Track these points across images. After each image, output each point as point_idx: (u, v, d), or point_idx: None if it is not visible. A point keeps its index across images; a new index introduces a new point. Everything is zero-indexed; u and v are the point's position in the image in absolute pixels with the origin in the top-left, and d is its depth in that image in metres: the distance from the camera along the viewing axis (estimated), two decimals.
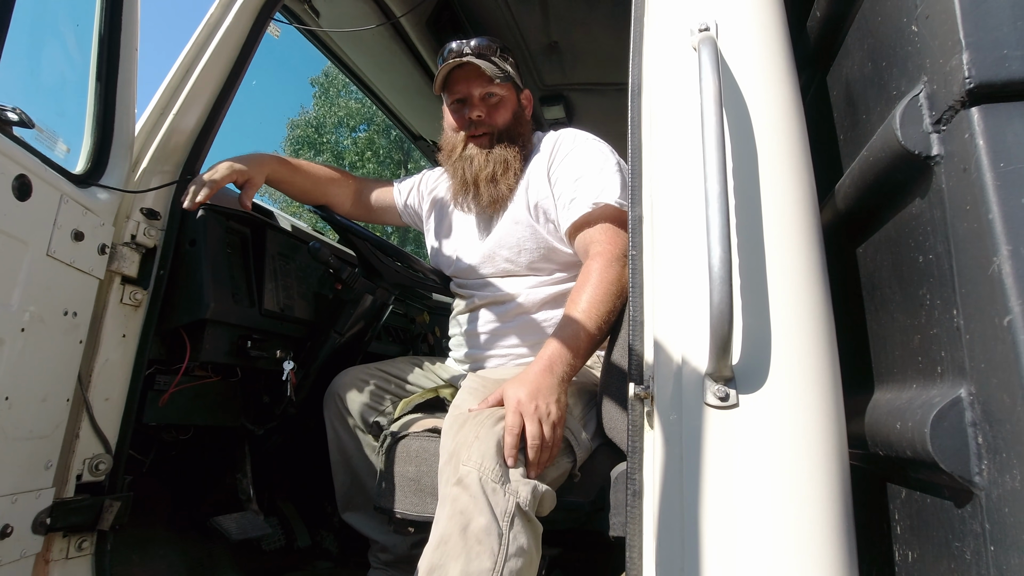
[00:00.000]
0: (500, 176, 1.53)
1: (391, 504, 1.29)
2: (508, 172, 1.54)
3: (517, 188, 1.57)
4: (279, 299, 1.74)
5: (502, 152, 1.55)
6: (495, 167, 1.53)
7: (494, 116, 1.57)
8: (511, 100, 1.60)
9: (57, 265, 1.22)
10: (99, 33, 1.40)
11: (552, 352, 1.22)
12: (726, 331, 0.71)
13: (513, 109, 1.59)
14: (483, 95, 1.57)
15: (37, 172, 1.15)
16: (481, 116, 1.57)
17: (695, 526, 0.72)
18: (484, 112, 1.57)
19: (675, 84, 0.93)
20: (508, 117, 1.58)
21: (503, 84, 1.57)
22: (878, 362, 0.86)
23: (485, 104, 1.57)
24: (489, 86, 1.55)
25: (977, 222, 0.59)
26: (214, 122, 1.57)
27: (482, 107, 1.57)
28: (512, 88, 1.61)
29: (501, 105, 1.58)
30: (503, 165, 1.54)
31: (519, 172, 1.55)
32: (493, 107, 1.58)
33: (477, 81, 1.54)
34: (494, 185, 1.54)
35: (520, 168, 1.56)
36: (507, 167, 1.54)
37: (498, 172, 1.53)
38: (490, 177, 1.54)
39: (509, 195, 1.55)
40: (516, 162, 1.55)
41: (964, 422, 0.60)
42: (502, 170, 1.53)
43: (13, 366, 1.14)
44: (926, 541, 0.70)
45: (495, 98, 1.57)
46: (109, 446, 1.39)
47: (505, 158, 1.54)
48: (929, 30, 0.68)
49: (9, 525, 1.16)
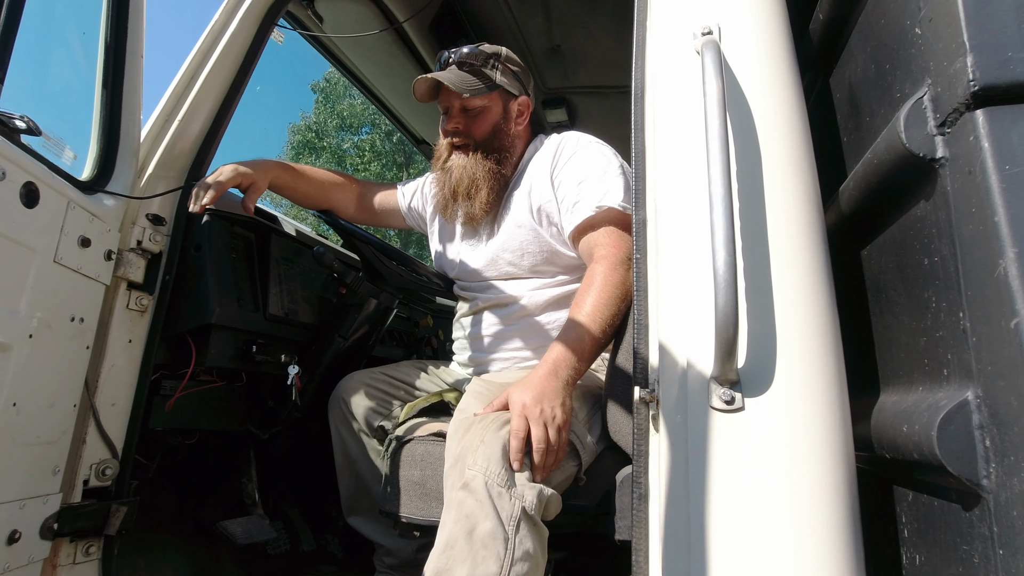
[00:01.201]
0: (474, 194, 1.55)
1: (396, 508, 1.29)
2: (479, 191, 1.55)
3: (505, 199, 1.59)
4: (283, 304, 1.74)
5: (474, 167, 1.56)
6: (469, 183, 1.55)
7: (471, 128, 1.59)
8: (493, 111, 1.60)
9: (64, 271, 1.23)
10: (105, 40, 1.41)
11: (557, 356, 1.22)
12: (731, 334, 0.71)
13: (494, 121, 1.59)
14: (461, 107, 1.59)
15: (44, 179, 1.16)
16: (459, 127, 1.59)
17: (701, 530, 0.72)
18: (462, 123, 1.59)
19: (678, 87, 0.93)
20: (486, 129, 1.59)
21: (484, 95, 1.57)
22: (883, 364, 0.86)
23: (464, 116, 1.59)
24: (465, 99, 1.56)
25: (983, 224, 0.59)
26: (219, 128, 1.58)
27: (460, 119, 1.59)
28: (499, 97, 1.61)
29: (480, 117, 1.59)
30: (473, 184, 1.55)
31: (493, 189, 1.56)
32: (472, 119, 1.59)
33: (455, 92, 1.55)
34: (469, 201, 1.56)
35: (494, 185, 1.56)
36: (477, 187, 1.55)
37: (472, 190, 1.55)
38: (465, 192, 1.56)
39: (483, 216, 1.57)
40: (488, 179, 1.55)
41: (971, 425, 0.59)
42: (474, 188, 1.55)
43: (21, 372, 1.14)
44: (933, 544, 0.69)
45: (474, 110, 1.59)
46: (116, 451, 1.39)
47: (475, 175, 1.55)
48: (933, 33, 0.68)
49: (17, 530, 1.16)
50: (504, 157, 1.60)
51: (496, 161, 1.58)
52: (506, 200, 1.60)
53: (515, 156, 1.63)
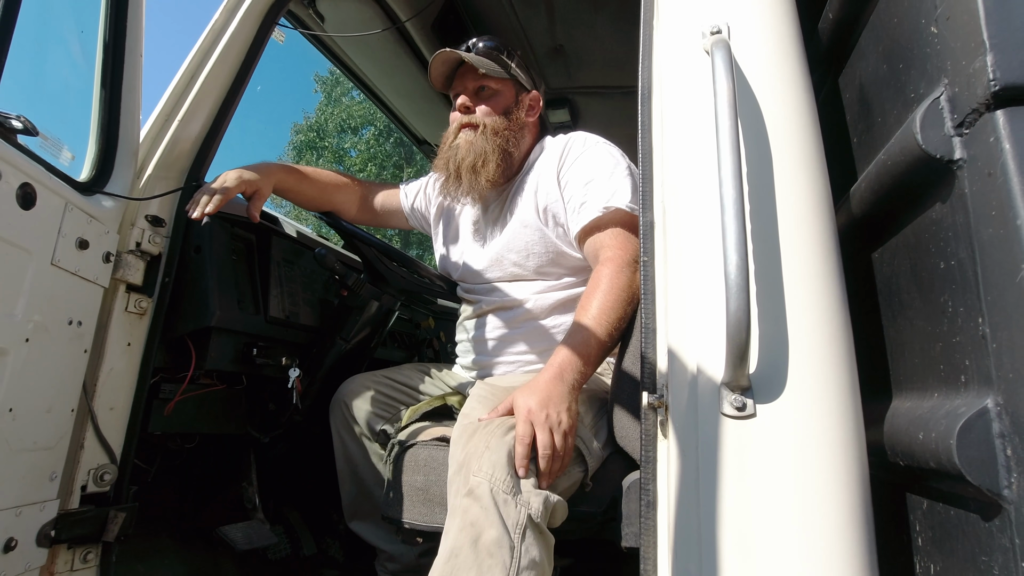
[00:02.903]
0: (480, 167, 1.54)
1: (399, 514, 1.28)
2: (487, 165, 1.54)
3: (511, 197, 1.58)
4: (284, 306, 1.73)
5: (482, 143, 1.55)
6: (475, 157, 1.54)
7: (483, 108, 1.59)
8: (505, 95, 1.61)
9: (62, 274, 1.21)
10: (104, 40, 1.40)
11: (562, 360, 1.20)
12: (743, 339, 0.70)
13: (506, 105, 1.60)
14: (476, 88, 1.61)
15: (41, 180, 1.14)
16: (470, 106, 1.60)
17: (712, 538, 0.70)
18: (473, 103, 1.60)
19: (687, 87, 0.92)
20: (498, 111, 1.59)
21: (499, 80, 1.60)
22: (897, 370, 0.84)
23: (477, 97, 1.61)
24: (481, 80, 1.59)
25: (1003, 228, 0.58)
26: (218, 128, 1.56)
27: (473, 99, 1.60)
28: (512, 85, 1.62)
29: (493, 99, 1.60)
30: (482, 157, 1.54)
31: (500, 166, 1.55)
32: (484, 99, 1.60)
33: (471, 75, 1.59)
34: (475, 176, 1.55)
35: (501, 163, 1.56)
36: (485, 159, 1.54)
37: (478, 163, 1.54)
38: (471, 167, 1.55)
39: (487, 190, 1.57)
40: (496, 155, 1.54)
41: (991, 433, 0.58)
42: (481, 162, 1.54)
43: (18, 376, 1.13)
44: (949, 554, 0.68)
45: (487, 91, 1.60)
46: (114, 456, 1.38)
47: (484, 150, 1.55)
48: (950, 31, 0.66)
49: (13, 538, 1.14)
50: (512, 141, 1.59)
51: (504, 140, 1.58)
52: (512, 198, 1.59)
53: (523, 146, 1.63)
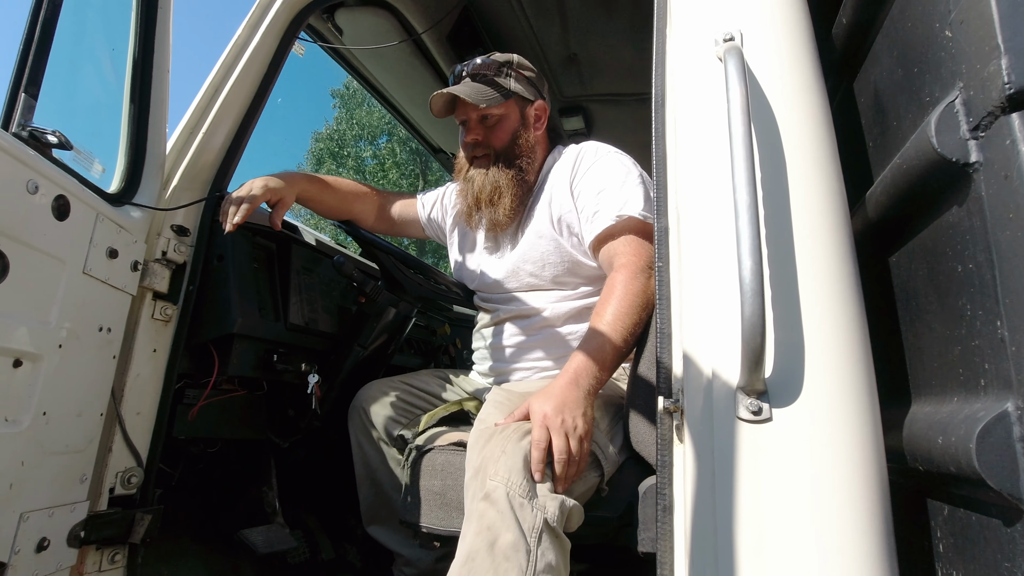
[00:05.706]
0: (497, 200, 1.56)
1: (417, 518, 1.29)
2: (503, 198, 1.55)
3: (526, 210, 1.59)
4: (304, 313, 1.76)
5: (496, 175, 1.57)
6: (492, 190, 1.56)
7: (490, 138, 1.60)
8: (510, 118, 1.60)
9: (93, 282, 1.26)
10: (133, 57, 1.45)
11: (578, 365, 1.21)
12: (759, 344, 0.70)
13: (513, 128, 1.60)
14: (479, 117, 1.59)
15: (75, 192, 1.19)
16: (478, 139, 1.60)
17: (729, 543, 0.70)
18: (481, 135, 1.60)
19: (700, 94, 0.92)
20: (505, 138, 1.59)
21: (500, 104, 1.58)
22: (914, 374, 0.83)
23: (482, 126, 1.60)
24: (482, 110, 1.57)
25: (1021, 230, 0.57)
26: (241, 140, 1.60)
27: (479, 130, 1.60)
28: (515, 104, 1.61)
29: (498, 126, 1.59)
30: (496, 191, 1.56)
31: (516, 195, 1.56)
32: (490, 129, 1.60)
33: (472, 104, 1.56)
34: (493, 208, 1.56)
35: (517, 191, 1.57)
36: (500, 193, 1.55)
37: (494, 197, 1.56)
38: (488, 200, 1.56)
39: (508, 222, 1.58)
40: (511, 186, 1.56)
41: (1012, 437, 0.57)
42: (497, 196, 1.56)
43: (51, 382, 1.17)
44: (971, 560, 0.67)
45: (492, 119, 1.59)
46: (141, 459, 1.41)
47: (497, 182, 1.56)
48: (964, 35, 0.67)
49: (46, 538, 1.18)
50: (525, 164, 1.60)
51: (518, 168, 1.58)
52: (528, 210, 1.60)
53: (536, 163, 1.63)
